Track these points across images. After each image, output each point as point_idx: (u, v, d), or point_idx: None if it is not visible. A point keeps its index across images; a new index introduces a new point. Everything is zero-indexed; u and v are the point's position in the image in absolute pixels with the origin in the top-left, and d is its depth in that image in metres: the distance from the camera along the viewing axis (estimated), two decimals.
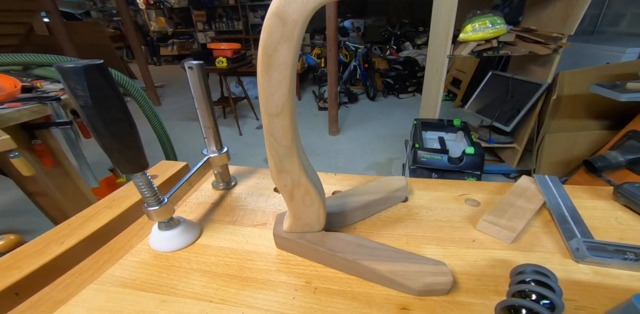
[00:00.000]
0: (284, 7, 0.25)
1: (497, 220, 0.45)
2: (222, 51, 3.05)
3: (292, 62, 0.28)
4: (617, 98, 1.36)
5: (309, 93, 4.78)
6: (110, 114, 0.33)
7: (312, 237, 0.41)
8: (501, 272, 0.38)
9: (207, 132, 0.52)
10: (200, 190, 0.59)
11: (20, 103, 0.98)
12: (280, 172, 0.35)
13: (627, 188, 0.49)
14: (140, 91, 1.31)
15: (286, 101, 0.30)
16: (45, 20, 3.53)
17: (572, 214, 0.47)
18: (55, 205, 1.28)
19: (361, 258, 0.38)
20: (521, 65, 2.28)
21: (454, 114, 3.60)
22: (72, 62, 0.30)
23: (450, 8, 1.77)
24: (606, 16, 2.84)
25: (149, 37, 7.88)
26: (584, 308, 0.34)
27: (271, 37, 0.27)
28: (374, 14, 6.73)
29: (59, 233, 0.44)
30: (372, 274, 0.37)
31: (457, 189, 0.57)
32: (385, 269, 0.36)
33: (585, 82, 1.64)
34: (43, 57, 1.22)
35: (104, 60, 0.32)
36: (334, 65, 2.93)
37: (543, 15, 2.01)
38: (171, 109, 4.27)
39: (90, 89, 0.31)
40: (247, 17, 7.40)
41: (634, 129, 1.51)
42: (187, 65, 0.45)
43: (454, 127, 1.99)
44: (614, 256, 0.39)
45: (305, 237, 0.41)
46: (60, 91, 1.12)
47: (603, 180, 1.50)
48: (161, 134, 1.40)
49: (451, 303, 0.35)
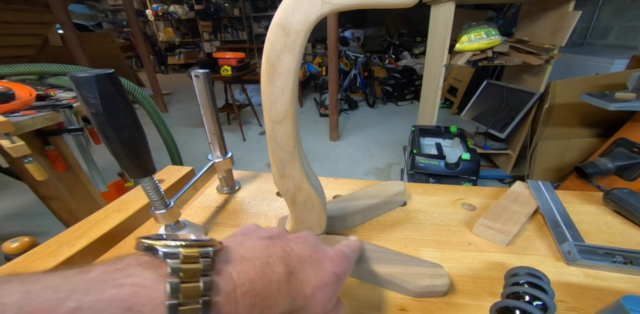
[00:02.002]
0: (287, 18, 0.26)
1: (493, 224, 0.45)
2: (227, 60, 3.06)
3: (294, 71, 0.28)
4: (606, 107, 1.37)
5: (311, 100, 4.79)
6: (119, 120, 0.33)
7: None
8: (496, 274, 0.38)
9: (212, 138, 0.52)
10: (206, 194, 0.60)
11: (34, 111, 0.99)
12: (283, 176, 0.35)
13: (616, 194, 0.49)
14: (148, 98, 1.32)
15: (289, 108, 0.30)
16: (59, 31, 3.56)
17: (564, 219, 0.47)
18: (66, 208, 1.28)
19: (360, 260, 0.37)
20: (515, 74, 2.29)
21: (450, 121, 3.60)
22: (84, 72, 0.30)
23: (446, 20, 1.78)
24: (595, 29, 2.86)
25: (157, 47, 7.94)
26: (575, 309, 0.34)
27: (275, 47, 0.27)
28: (373, 24, 6.78)
29: (70, 235, 0.44)
30: (371, 276, 0.37)
31: (454, 193, 0.57)
32: (384, 271, 0.36)
33: (576, 92, 1.65)
34: (57, 66, 1.23)
35: (114, 70, 0.32)
36: (334, 74, 2.94)
37: (535, 27, 2.02)
38: (178, 115, 4.29)
39: (101, 97, 0.31)
40: (251, 28, 7.47)
41: (622, 137, 1.52)
42: (193, 73, 0.46)
43: (451, 133, 2.00)
44: (604, 259, 0.39)
45: None
46: (73, 98, 1.13)
47: (593, 186, 1.51)
48: (168, 139, 1.41)
49: (448, 304, 0.35)
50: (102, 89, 0.31)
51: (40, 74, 1.25)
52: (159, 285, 0.16)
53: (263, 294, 0.20)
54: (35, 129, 0.98)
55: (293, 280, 0.22)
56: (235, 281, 0.19)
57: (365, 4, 0.25)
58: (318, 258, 0.25)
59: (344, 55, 4.60)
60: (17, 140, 0.87)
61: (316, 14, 0.26)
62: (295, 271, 0.22)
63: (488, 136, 2.31)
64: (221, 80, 3.12)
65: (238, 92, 3.80)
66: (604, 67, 2.17)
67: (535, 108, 1.98)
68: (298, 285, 0.22)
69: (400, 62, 4.95)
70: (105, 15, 8.67)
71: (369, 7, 0.26)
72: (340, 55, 4.43)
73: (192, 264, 0.18)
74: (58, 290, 0.15)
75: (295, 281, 0.22)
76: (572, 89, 1.78)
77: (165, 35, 7.88)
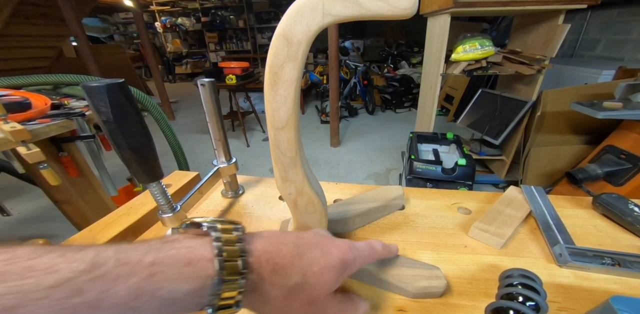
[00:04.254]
0: (290, 29, 0.26)
1: (487, 227, 0.45)
2: (231, 69, 3.08)
3: (296, 80, 0.29)
4: (594, 115, 1.38)
5: (312, 108, 4.81)
6: (129, 128, 0.34)
7: None
8: (491, 276, 0.38)
9: (217, 144, 0.53)
10: (211, 198, 0.60)
11: (49, 119, 0.99)
12: (285, 181, 0.35)
13: (604, 198, 0.50)
14: (156, 106, 1.33)
15: (291, 115, 0.30)
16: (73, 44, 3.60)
17: (556, 222, 0.47)
18: (78, 212, 1.28)
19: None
20: (508, 83, 2.30)
21: (447, 128, 3.60)
22: (96, 81, 0.31)
23: (442, 31, 1.80)
24: (583, 41, 2.88)
25: (165, 57, 8.01)
26: (566, 309, 0.34)
27: (277, 57, 0.27)
28: (372, 35, 6.84)
29: (81, 238, 0.44)
30: (370, 277, 0.37)
31: (450, 198, 0.57)
32: (382, 273, 0.36)
33: (566, 101, 1.66)
34: (70, 77, 1.24)
35: (124, 79, 0.32)
36: (335, 82, 2.95)
37: (527, 39, 2.04)
38: (184, 122, 4.31)
39: (112, 105, 0.31)
40: (255, 38, 7.54)
41: (610, 144, 1.53)
42: (199, 82, 0.46)
43: (447, 140, 2.00)
44: (593, 261, 0.39)
45: None
46: (85, 107, 1.13)
47: (583, 191, 1.52)
48: (175, 146, 1.41)
49: (444, 304, 0.35)
50: (112, 97, 0.31)
51: (55, 84, 1.26)
52: (207, 247, 0.22)
53: (280, 264, 0.24)
54: (50, 136, 0.99)
55: (304, 258, 0.25)
56: (260, 250, 0.24)
57: (363, 15, 0.26)
58: (326, 244, 0.28)
59: (344, 64, 4.62)
60: (33, 147, 0.88)
61: (317, 25, 0.26)
62: (304, 252, 0.26)
63: (483, 142, 2.32)
64: (226, 88, 3.13)
65: (242, 100, 3.81)
66: (593, 78, 2.19)
67: (527, 116, 1.98)
68: (307, 263, 0.25)
69: (399, 71, 4.97)
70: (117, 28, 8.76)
71: (367, 18, 0.26)
72: (340, 64, 4.46)
73: (229, 234, 0.23)
74: (137, 250, 0.20)
75: (306, 259, 0.25)
76: (562, 98, 1.79)
77: (173, 46, 7.95)
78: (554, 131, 1.89)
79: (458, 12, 1.73)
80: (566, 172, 1.58)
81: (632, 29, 2.42)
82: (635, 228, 0.45)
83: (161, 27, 7.67)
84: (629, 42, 2.45)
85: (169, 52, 8.07)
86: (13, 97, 0.99)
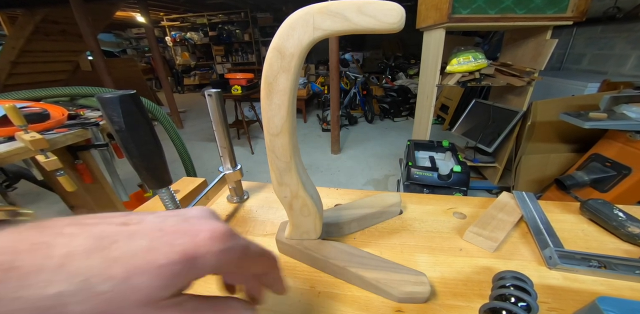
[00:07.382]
0: (283, 42, 0.27)
1: (481, 231, 0.45)
2: (237, 80, 3.11)
3: (290, 90, 0.29)
4: (581, 125, 1.39)
5: (314, 116, 4.83)
6: (140, 136, 0.34)
7: (309, 244, 0.41)
8: (484, 278, 0.38)
9: (223, 151, 0.53)
10: (217, 203, 0.60)
11: (66, 129, 1.00)
12: (281, 185, 0.35)
13: (591, 204, 0.50)
14: (166, 116, 1.34)
15: (285, 122, 0.30)
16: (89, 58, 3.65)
17: (546, 226, 0.47)
18: None
19: (350, 265, 0.37)
20: (500, 94, 2.31)
21: (442, 136, 3.61)
22: (109, 93, 0.31)
23: (437, 44, 1.82)
24: (570, 55, 2.93)
25: (174, 70, 8.11)
26: (556, 310, 0.34)
27: (272, 68, 0.28)
28: (371, 48, 6.91)
29: None
30: (359, 280, 0.37)
31: (446, 203, 0.57)
32: (370, 276, 0.36)
33: (555, 111, 1.67)
34: (86, 89, 1.26)
35: (136, 91, 0.33)
36: (336, 92, 2.96)
37: (518, 53, 2.05)
38: (192, 131, 4.33)
39: (124, 115, 0.32)
40: (259, 51, 7.62)
41: (596, 153, 1.55)
42: (207, 93, 0.46)
43: (443, 147, 2.00)
44: (581, 263, 0.39)
45: (303, 244, 0.41)
46: (99, 117, 1.15)
47: (571, 196, 1.53)
48: (183, 153, 1.42)
49: (441, 305, 0.35)
50: (125, 108, 0.32)
51: (72, 96, 1.28)
52: None
53: (28, 267, 0.14)
54: (67, 145, 1.00)
55: (106, 254, 0.15)
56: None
57: (353, 30, 0.26)
58: (167, 233, 0.17)
59: (344, 75, 4.66)
60: (51, 155, 0.89)
61: (308, 39, 0.26)
62: (114, 243, 0.16)
63: (477, 150, 2.32)
64: (232, 98, 3.16)
65: (247, 109, 3.84)
66: (579, 89, 2.22)
67: (519, 125, 1.99)
68: (105, 261, 0.15)
69: (396, 81, 5.00)
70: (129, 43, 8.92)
71: (357, 32, 0.26)
72: (341, 75, 4.50)
73: None
74: None
75: (108, 255, 0.15)
76: (551, 108, 1.80)
77: (182, 59, 8.06)
78: (543, 139, 1.90)
79: (452, 27, 1.75)
80: (555, 179, 1.58)
81: (615, 44, 2.47)
82: (619, 232, 0.45)
83: (171, 41, 7.78)
84: (612, 56, 2.50)
85: (178, 65, 8.17)
86: (33, 109, 1.01)
